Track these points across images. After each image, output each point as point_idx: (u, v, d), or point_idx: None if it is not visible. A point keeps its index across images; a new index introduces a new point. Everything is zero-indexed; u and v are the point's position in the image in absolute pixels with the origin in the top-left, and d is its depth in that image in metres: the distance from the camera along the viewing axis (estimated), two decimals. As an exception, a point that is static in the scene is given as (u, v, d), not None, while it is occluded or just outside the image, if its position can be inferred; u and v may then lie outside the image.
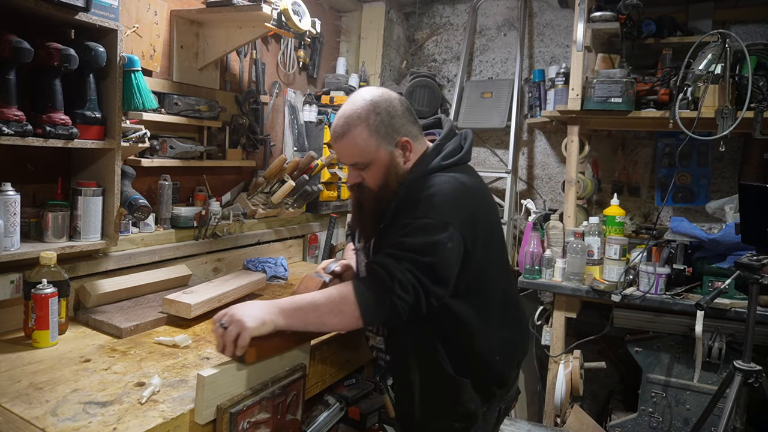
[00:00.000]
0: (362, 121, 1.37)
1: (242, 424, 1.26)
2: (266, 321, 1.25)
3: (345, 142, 1.39)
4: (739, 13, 2.86)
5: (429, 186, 1.34)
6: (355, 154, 1.40)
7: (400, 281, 1.23)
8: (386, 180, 1.40)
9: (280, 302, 1.30)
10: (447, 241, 1.27)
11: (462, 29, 3.58)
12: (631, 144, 3.15)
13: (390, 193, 1.40)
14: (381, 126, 1.38)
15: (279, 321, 1.27)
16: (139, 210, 1.78)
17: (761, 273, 1.88)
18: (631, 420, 2.53)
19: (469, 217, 1.34)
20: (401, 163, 1.41)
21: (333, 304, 1.27)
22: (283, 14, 2.07)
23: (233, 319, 1.24)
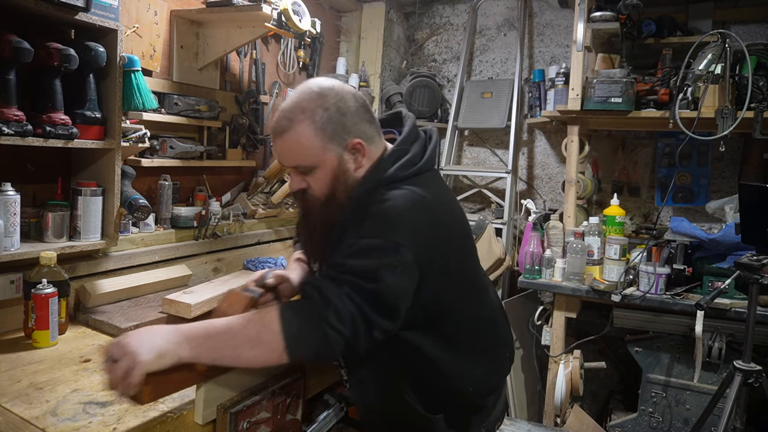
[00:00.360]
0: (307, 117, 1.15)
1: (242, 424, 1.26)
2: (166, 352, 1.01)
3: (286, 140, 1.18)
4: (739, 13, 2.86)
5: (380, 200, 1.14)
6: (297, 155, 1.18)
7: (336, 309, 1.03)
8: (333, 189, 1.19)
9: (188, 328, 1.07)
10: (396, 266, 1.07)
11: (462, 29, 3.58)
12: (631, 144, 3.15)
13: (337, 206, 1.19)
14: (329, 124, 1.16)
15: (183, 352, 1.03)
16: (139, 210, 1.78)
17: (761, 273, 1.87)
18: (631, 420, 2.53)
19: (427, 238, 1.15)
20: (351, 170, 1.20)
21: (251, 331, 1.04)
22: (283, 14, 2.07)
23: (125, 350, 0.99)
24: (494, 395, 1.37)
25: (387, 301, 1.08)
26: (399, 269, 1.08)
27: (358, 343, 1.07)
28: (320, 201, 1.21)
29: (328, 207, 1.20)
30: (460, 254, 1.29)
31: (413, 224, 1.13)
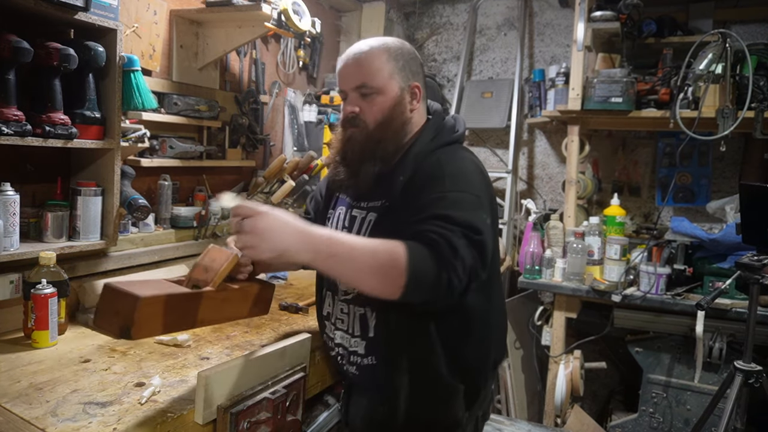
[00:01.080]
0: (384, 47, 1.27)
1: (243, 424, 1.26)
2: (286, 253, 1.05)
3: (359, 59, 1.26)
4: (739, 12, 2.86)
5: (451, 159, 1.23)
6: (367, 74, 1.25)
7: (463, 259, 1.06)
8: (386, 119, 1.25)
9: (317, 239, 1.07)
10: (486, 218, 1.15)
11: (462, 29, 3.57)
12: (631, 144, 3.15)
13: (388, 135, 1.25)
14: (401, 58, 1.27)
15: (304, 258, 1.07)
16: (138, 210, 1.77)
17: (762, 273, 1.87)
18: (631, 420, 2.53)
19: (489, 196, 1.25)
20: (406, 110, 1.28)
21: (377, 264, 1.05)
22: (283, 14, 2.07)
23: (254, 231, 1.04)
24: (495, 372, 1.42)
25: (486, 252, 1.13)
26: (488, 221, 1.15)
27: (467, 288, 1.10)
28: (369, 129, 1.25)
29: (375, 136, 1.25)
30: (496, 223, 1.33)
31: (482, 182, 1.24)
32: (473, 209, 1.14)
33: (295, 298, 2.07)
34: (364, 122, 1.26)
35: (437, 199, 1.14)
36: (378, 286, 1.08)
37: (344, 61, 1.29)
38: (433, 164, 1.22)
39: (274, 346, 1.41)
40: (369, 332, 1.30)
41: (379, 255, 1.05)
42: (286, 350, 1.44)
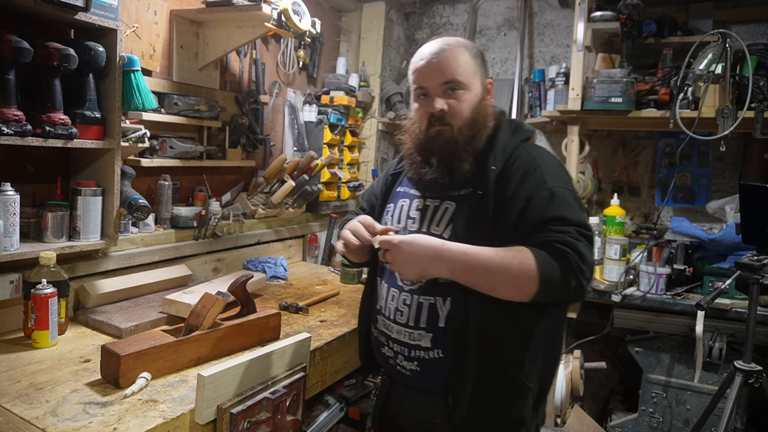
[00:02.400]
0: (463, 47, 1.30)
1: (242, 424, 1.26)
2: (426, 275, 1.20)
3: (446, 56, 1.27)
4: (739, 12, 2.86)
5: (540, 154, 1.28)
6: (455, 70, 1.26)
7: (590, 264, 1.13)
8: (474, 115, 1.28)
9: (451, 257, 1.17)
10: (584, 212, 1.22)
11: (462, 29, 3.57)
12: (631, 144, 3.15)
13: (477, 131, 1.28)
14: (478, 58, 1.31)
15: (442, 274, 1.18)
16: (138, 210, 1.77)
17: (762, 273, 1.87)
18: (631, 420, 2.53)
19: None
20: (487, 106, 1.32)
21: (510, 275, 1.13)
22: (283, 14, 2.07)
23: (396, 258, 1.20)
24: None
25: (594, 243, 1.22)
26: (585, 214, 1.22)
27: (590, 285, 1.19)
28: (459, 125, 1.27)
29: (465, 132, 1.27)
30: None
31: (567, 175, 1.30)
32: (578, 206, 1.21)
33: (295, 298, 2.07)
34: (454, 119, 1.27)
35: (545, 198, 1.19)
36: (510, 293, 1.16)
37: (426, 58, 1.29)
38: (526, 157, 1.25)
39: (274, 346, 1.42)
40: (439, 322, 1.27)
41: (513, 267, 1.13)
42: (286, 350, 1.44)
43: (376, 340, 1.41)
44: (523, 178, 1.22)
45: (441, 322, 1.26)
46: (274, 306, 1.94)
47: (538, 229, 1.16)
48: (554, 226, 1.15)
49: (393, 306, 1.34)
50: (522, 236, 1.17)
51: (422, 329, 1.28)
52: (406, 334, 1.30)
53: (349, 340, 1.78)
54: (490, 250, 1.16)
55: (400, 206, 1.40)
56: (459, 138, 1.27)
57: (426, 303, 1.28)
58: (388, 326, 1.35)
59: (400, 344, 1.32)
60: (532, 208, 1.19)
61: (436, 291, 1.27)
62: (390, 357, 1.36)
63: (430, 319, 1.27)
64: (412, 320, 1.29)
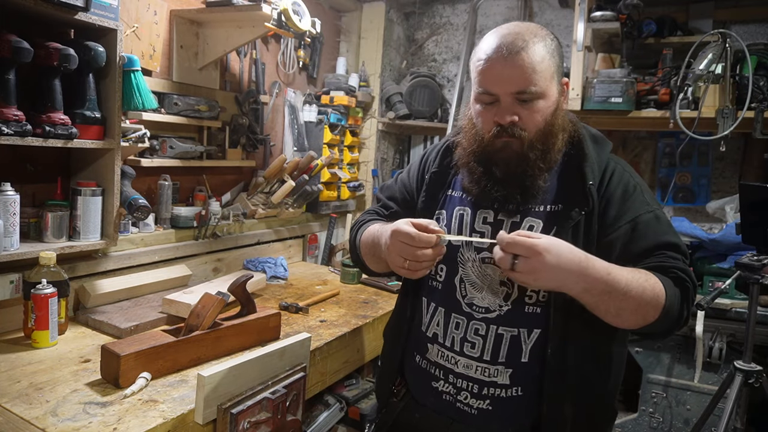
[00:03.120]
0: (541, 40, 1.08)
1: (242, 424, 1.26)
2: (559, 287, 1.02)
3: (520, 59, 1.05)
4: (739, 12, 2.85)
5: (629, 170, 1.18)
6: (529, 78, 1.06)
7: (696, 290, 1.10)
8: (551, 124, 1.11)
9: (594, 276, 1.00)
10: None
11: (462, 29, 3.57)
12: (631, 144, 3.15)
13: (551, 143, 1.12)
14: (556, 53, 1.11)
15: (573, 290, 1.01)
16: (138, 210, 1.77)
17: (762, 273, 1.87)
18: (631, 420, 2.53)
19: None
20: (563, 111, 1.15)
21: (644, 302, 1.02)
22: (283, 14, 2.07)
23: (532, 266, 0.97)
24: None
25: None
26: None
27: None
28: (530, 138, 1.11)
29: (538, 146, 1.11)
30: None
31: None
32: (674, 230, 1.15)
33: (295, 298, 2.07)
34: (525, 131, 1.10)
35: (653, 221, 1.11)
36: (634, 320, 1.05)
37: (495, 57, 1.08)
38: (622, 173, 1.16)
39: (274, 346, 1.42)
40: (522, 357, 1.13)
41: (647, 294, 1.02)
42: (286, 350, 1.44)
43: (424, 372, 1.24)
44: (624, 197, 1.12)
45: (524, 356, 1.13)
46: (274, 306, 1.94)
47: (652, 253, 1.09)
48: (671, 254, 1.09)
49: (459, 335, 1.18)
50: (627, 261, 1.07)
51: (500, 364, 1.14)
52: (479, 370, 1.15)
53: (349, 340, 1.78)
54: (627, 272, 1.03)
55: (458, 215, 1.23)
56: (530, 153, 1.11)
57: (507, 335, 1.14)
58: (450, 358, 1.19)
59: (469, 380, 1.17)
60: (641, 231, 1.10)
61: (521, 322, 1.13)
62: (448, 393, 1.20)
63: (511, 353, 1.14)
64: (488, 354, 1.15)
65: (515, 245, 0.98)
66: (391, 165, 3.58)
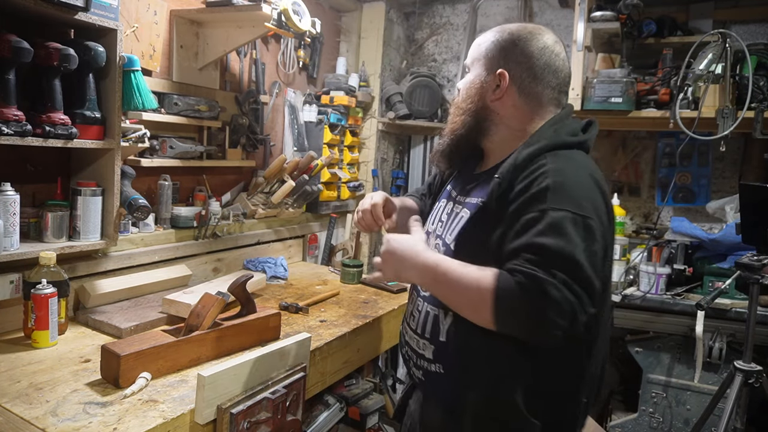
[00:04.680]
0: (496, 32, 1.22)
1: (242, 424, 1.26)
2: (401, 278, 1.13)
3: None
4: (739, 12, 2.86)
5: (560, 167, 1.06)
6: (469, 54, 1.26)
7: (557, 303, 0.93)
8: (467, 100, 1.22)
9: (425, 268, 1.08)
10: (593, 245, 0.99)
11: (462, 29, 3.57)
12: (631, 144, 3.15)
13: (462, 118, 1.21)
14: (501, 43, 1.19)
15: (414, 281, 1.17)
16: (138, 210, 1.77)
17: (762, 273, 1.87)
18: (631, 420, 2.53)
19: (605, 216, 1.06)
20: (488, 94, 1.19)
21: (468, 299, 1.03)
22: (283, 14, 2.07)
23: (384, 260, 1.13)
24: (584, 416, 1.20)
25: (594, 285, 0.97)
26: (597, 248, 0.99)
27: (578, 330, 0.96)
28: (457, 108, 1.24)
29: (454, 114, 1.24)
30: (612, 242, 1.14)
31: (597, 198, 1.05)
32: (576, 235, 0.97)
33: (295, 298, 2.07)
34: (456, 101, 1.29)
35: (534, 219, 1.00)
36: (472, 316, 1.04)
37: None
38: (540, 169, 1.06)
39: (274, 346, 1.42)
40: (440, 336, 1.18)
41: (471, 291, 1.02)
42: (285, 350, 1.44)
43: (401, 337, 1.36)
44: (522, 193, 1.05)
45: (442, 335, 1.17)
46: (274, 306, 1.94)
47: (514, 255, 1.01)
48: (528, 255, 0.98)
49: (410, 309, 1.31)
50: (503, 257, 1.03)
51: (426, 339, 1.21)
52: (414, 341, 1.26)
53: (349, 340, 1.78)
54: (468, 268, 1.04)
55: (439, 207, 1.33)
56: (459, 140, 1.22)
57: (432, 313, 1.20)
58: (405, 329, 1.32)
59: (411, 350, 1.27)
60: (516, 229, 1.03)
61: (440, 302, 1.17)
62: (406, 359, 1.33)
63: (433, 330, 1.19)
64: (420, 327, 1.23)
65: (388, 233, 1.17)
66: (391, 165, 3.58)
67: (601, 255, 1.00)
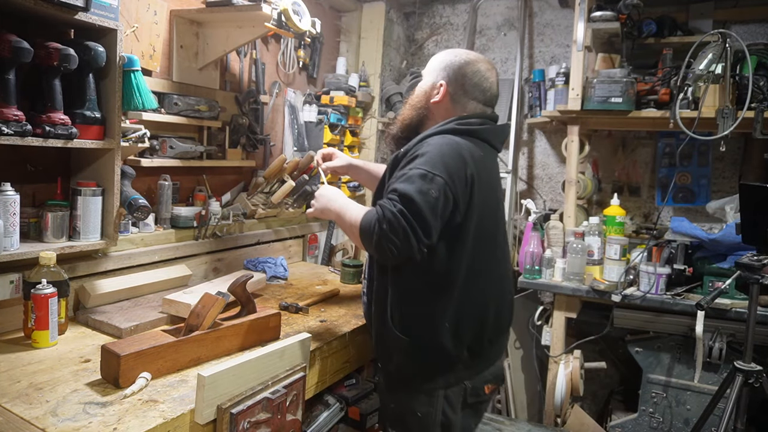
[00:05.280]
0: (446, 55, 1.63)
1: (242, 424, 1.26)
2: (324, 213, 1.56)
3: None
4: (739, 12, 2.86)
5: (436, 143, 1.44)
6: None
7: (389, 222, 1.31)
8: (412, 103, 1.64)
9: (337, 206, 1.51)
10: (432, 191, 1.34)
11: (462, 29, 3.57)
12: (631, 144, 3.15)
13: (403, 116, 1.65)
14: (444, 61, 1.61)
15: (332, 216, 1.54)
16: (138, 210, 1.77)
17: (762, 273, 1.87)
18: (631, 420, 2.53)
19: (461, 178, 1.40)
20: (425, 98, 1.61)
21: (351, 230, 1.44)
22: (283, 14, 2.07)
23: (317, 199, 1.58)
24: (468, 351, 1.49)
25: (425, 217, 1.33)
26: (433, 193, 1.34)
27: (412, 252, 1.33)
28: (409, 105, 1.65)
29: (406, 108, 1.66)
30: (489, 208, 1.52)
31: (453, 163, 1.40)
32: (419, 183, 1.34)
33: (295, 298, 2.07)
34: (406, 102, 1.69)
35: (402, 174, 1.39)
36: (355, 242, 1.49)
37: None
38: (420, 148, 1.44)
39: (274, 346, 1.42)
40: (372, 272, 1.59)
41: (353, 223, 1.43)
42: (286, 350, 1.44)
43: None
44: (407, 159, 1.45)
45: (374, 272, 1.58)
46: (274, 306, 1.94)
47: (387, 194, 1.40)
48: (389, 194, 1.38)
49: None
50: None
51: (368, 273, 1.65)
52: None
53: (349, 340, 1.79)
54: (357, 209, 1.46)
55: None
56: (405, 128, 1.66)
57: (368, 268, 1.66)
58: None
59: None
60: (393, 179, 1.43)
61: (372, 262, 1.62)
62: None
63: (370, 267, 1.61)
64: (366, 264, 1.67)
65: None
66: (391, 165, 3.58)
67: (440, 200, 1.35)
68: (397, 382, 1.52)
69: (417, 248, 1.33)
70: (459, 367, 1.48)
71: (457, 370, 1.48)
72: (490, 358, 1.57)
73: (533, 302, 3.06)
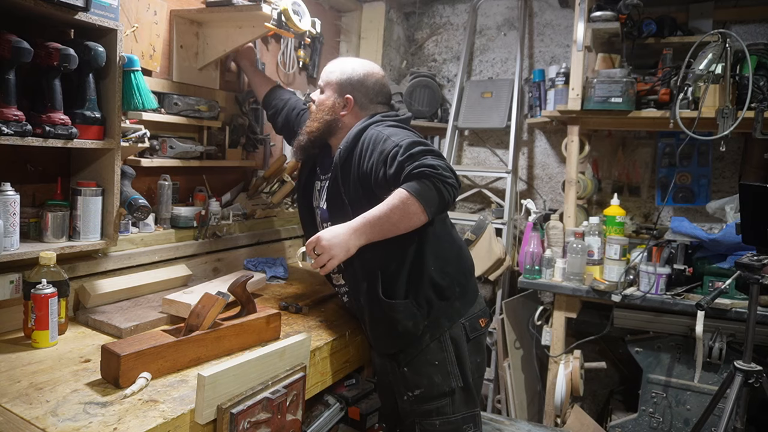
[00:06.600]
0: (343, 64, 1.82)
1: (242, 424, 1.26)
2: (350, 248, 1.51)
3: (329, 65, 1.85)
4: (739, 12, 2.86)
5: (382, 128, 1.61)
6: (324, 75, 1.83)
7: (442, 167, 1.45)
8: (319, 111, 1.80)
9: (357, 225, 1.51)
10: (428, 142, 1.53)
11: (462, 29, 3.58)
12: (631, 144, 3.15)
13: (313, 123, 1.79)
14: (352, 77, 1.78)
15: (360, 242, 1.51)
16: (138, 210, 1.77)
17: (762, 273, 1.88)
18: (631, 420, 2.53)
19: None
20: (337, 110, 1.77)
21: (400, 210, 1.45)
22: (283, 14, 2.07)
23: (324, 249, 1.51)
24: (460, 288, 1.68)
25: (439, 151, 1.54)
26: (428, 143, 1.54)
27: (457, 178, 1.50)
28: (314, 116, 1.81)
29: (312, 121, 1.81)
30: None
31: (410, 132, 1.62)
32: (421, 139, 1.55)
33: (295, 298, 2.07)
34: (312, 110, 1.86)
35: (395, 152, 1.50)
36: (411, 221, 1.47)
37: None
38: (374, 134, 1.60)
39: (274, 346, 1.42)
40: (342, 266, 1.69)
41: (397, 205, 1.45)
42: (286, 350, 1.44)
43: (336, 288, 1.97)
44: (368, 152, 1.57)
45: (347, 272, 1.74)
46: (274, 306, 1.94)
47: (396, 171, 1.49)
48: (409, 163, 1.46)
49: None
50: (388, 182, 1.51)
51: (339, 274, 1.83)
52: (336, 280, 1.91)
53: (349, 340, 1.79)
54: (380, 206, 1.48)
55: (315, 188, 1.90)
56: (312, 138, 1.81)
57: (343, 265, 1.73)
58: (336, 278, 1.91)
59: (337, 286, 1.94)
60: (387, 166, 1.52)
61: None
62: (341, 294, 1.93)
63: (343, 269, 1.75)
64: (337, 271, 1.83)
65: (309, 245, 1.55)
66: (391, 165, 3.58)
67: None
68: (408, 346, 1.62)
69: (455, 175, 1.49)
70: (456, 304, 1.65)
71: (454, 305, 1.65)
72: (475, 290, 1.75)
73: (533, 302, 3.07)
